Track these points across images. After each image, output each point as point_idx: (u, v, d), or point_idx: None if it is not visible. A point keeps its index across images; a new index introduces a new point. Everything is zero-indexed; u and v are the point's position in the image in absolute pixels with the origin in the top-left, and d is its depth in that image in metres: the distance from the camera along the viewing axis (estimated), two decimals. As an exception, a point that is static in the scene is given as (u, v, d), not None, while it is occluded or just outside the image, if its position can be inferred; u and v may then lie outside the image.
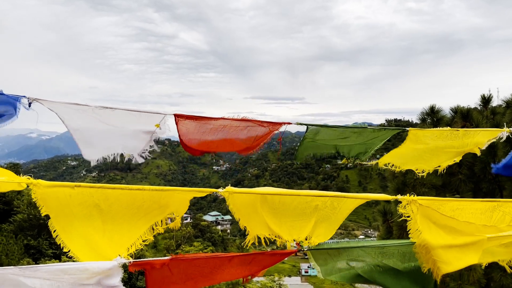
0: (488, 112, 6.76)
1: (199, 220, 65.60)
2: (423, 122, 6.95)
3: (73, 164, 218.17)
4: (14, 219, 24.85)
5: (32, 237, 23.75)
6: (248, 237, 2.54)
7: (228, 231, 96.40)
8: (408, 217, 2.43)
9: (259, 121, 3.66)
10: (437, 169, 3.83)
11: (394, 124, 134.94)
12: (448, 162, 3.77)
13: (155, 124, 3.39)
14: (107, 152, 3.42)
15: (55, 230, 2.21)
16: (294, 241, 2.54)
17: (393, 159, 3.98)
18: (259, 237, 2.53)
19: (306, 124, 3.78)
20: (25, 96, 3.15)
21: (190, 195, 2.31)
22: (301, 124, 3.76)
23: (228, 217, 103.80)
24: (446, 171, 3.90)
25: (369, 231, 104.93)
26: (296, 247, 2.50)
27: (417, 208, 2.42)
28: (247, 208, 2.45)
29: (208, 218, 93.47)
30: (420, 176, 3.92)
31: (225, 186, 2.36)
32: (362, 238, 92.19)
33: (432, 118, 6.82)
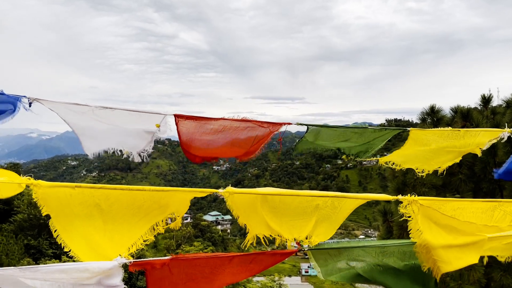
0: (488, 112, 6.76)
1: (199, 220, 65.57)
2: (423, 122, 6.94)
3: (73, 164, 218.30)
4: (14, 219, 24.84)
5: (32, 237, 23.75)
6: (248, 236, 2.54)
7: (228, 231, 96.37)
8: (409, 217, 2.43)
9: (259, 121, 3.64)
10: (437, 170, 3.83)
11: (394, 124, 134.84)
12: (449, 162, 3.77)
13: (156, 124, 3.39)
14: (107, 146, 3.42)
15: (55, 230, 2.21)
16: (294, 240, 2.53)
17: (394, 158, 3.98)
18: (259, 236, 2.53)
19: (306, 125, 3.77)
20: (25, 96, 3.15)
21: (190, 195, 2.31)
22: (301, 125, 3.74)
23: (228, 217, 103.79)
24: (446, 171, 3.89)
25: (369, 231, 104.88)
26: (296, 246, 2.50)
27: (418, 208, 2.41)
28: (247, 208, 2.45)
29: (208, 218, 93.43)
30: (420, 176, 3.92)
31: (225, 186, 2.36)
32: (362, 238, 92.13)
33: (432, 118, 6.81)
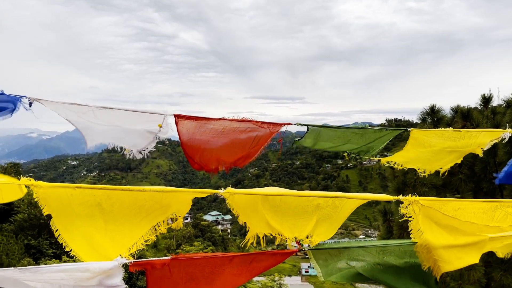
0: (489, 112, 6.75)
1: (199, 219, 65.55)
2: (423, 122, 6.94)
3: (73, 164, 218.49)
4: (14, 219, 24.83)
5: (32, 236, 23.74)
6: (249, 235, 2.54)
7: (229, 230, 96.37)
8: (410, 217, 2.42)
9: (258, 121, 3.62)
10: (439, 170, 3.81)
11: (395, 123, 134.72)
12: (451, 163, 3.75)
13: (158, 124, 3.39)
14: (109, 140, 3.42)
15: (57, 230, 2.22)
16: (295, 239, 2.53)
17: (396, 159, 3.97)
18: (259, 235, 2.53)
19: (307, 125, 3.75)
20: (25, 96, 3.15)
21: (191, 196, 2.31)
22: (301, 125, 3.73)
23: (228, 216, 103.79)
24: (446, 171, 3.89)
25: (370, 231, 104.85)
26: (296, 246, 2.49)
27: (419, 208, 2.41)
28: (248, 207, 2.45)
29: (208, 217, 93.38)
30: (422, 176, 3.91)
31: (225, 186, 2.36)
32: (362, 237, 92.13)
33: (433, 118, 6.81)
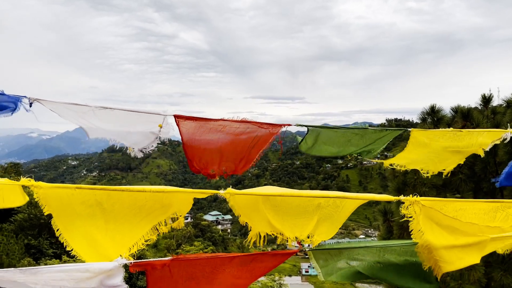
0: (489, 111, 6.75)
1: (199, 219, 65.54)
2: (423, 122, 6.94)
3: (73, 163, 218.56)
4: (14, 219, 24.83)
5: (32, 236, 23.74)
6: (251, 234, 2.53)
7: (229, 230, 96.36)
8: (411, 217, 2.42)
9: (258, 122, 3.61)
10: (442, 172, 3.80)
11: (395, 123, 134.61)
12: (453, 164, 3.74)
13: (159, 124, 3.39)
14: (110, 137, 3.42)
15: (58, 229, 2.21)
16: (296, 239, 2.53)
17: (398, 160, 3.96)
18: (261, 234, 2.52)
19: (306, 126, 3.75)
20: (25, 96, 3.15)
21: (191, 196, 2.31)
22: (301, 126, 3.72)
23: (228, 216, 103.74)
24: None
25: (370, 231, 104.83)
26: (297, 246, 2.49)
27: (420, 208, 2.40)
28: (249, 207, 2.45)
29: (208, 217, 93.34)
30: (426, 176, 3.90)
31: (225, 186, 2.36)
32: (362, 237, 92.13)
33: (433, 118, 6.81)
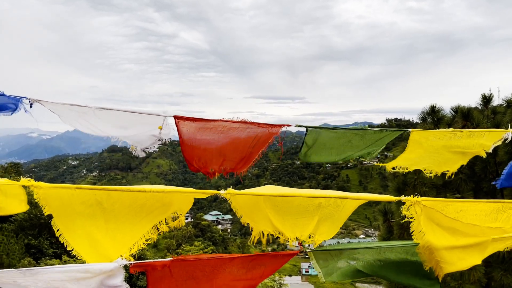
0: (489, 111, 6.75)
1: (199, 219, 65.51)
2: (423, 122, 6.93)
3: (73, 163, 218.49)
4: (14, 219, 24.83)
5: (33, 236, 23.74)
6: (253, 233, 2.53)
7: (229, 230, 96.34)
8: (412, 218, 2.41)
9: (258, 123, 3.61)
10: (445, 173, 3.80)
11: (395, 123, 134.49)
12: (456, 165, 3.73)
13: (159, 126, 3.40)
14: (113, 134, 3.42)
15: (58, 229, 2.21)
16: (296, 240, 2.52)
17: (401, 162, 3.95)
18: (264, 233, 2.51)
19: (306, 126, 3.74)
20: (26, 97, 3.15)
21: (192, 196, 2.30)
22: (301, 126, 3.72)
23: (228, 216, 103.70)
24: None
25: (370, 231, 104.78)
26: (298, 247, 2.48)
27: (421, 209, 2.39)
28: (250, 207, 2.45)
29: (208, 217, 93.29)
30: (428, 176, 3.89)
31: (225, 186, 2.36)
32: (362, 237, 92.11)
33: (433, 118, 6.80)
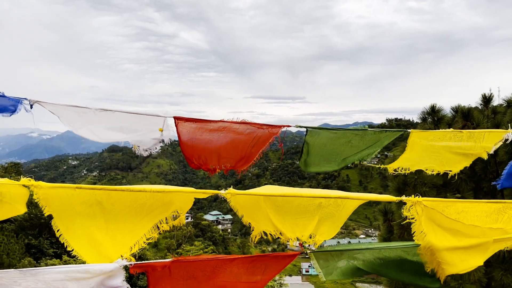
0: (489, 111, 6.75)
1: (200, 219, 65.52)
2: (424, 122, 6.94)
3: (74, 163, 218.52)
4: (15, 218, 24.85)
5: (33, 236, 23.76)
6: (254, 233, 2.53)
7: (229, 230, 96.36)
8: (412, 218, 2.40)
9: (258, 123, 3.61)
10: (446, 172, 3.79)
11: (395, 123, 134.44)
12: (459, 167, 3.72)
13: (159, 128, 3.40)
14: (113, 139, 3.42)
15: (58, 230, 2.20)
16: (297, 240, 2.51)
17: (402, 163, 3.94)
18: (265, 232, 2.51)
19: (306, 127, 3.74)
20: (26, 98, 3.15)
21: (192, 196, 2.30)
22: (300, 127, 3.72)
23: (229, 216, 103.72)
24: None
25: (370, 231, 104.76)
26: (298, 247, 2.48)
27: (422, 209, 2.38)
28: (250, 207, 2.45)
29: (209, 217, 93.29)
30: (430, 174, 3.88)
31: (226, 186, 2.36)
32: (363, 237, 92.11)
33: (433, 118, 6.80)
